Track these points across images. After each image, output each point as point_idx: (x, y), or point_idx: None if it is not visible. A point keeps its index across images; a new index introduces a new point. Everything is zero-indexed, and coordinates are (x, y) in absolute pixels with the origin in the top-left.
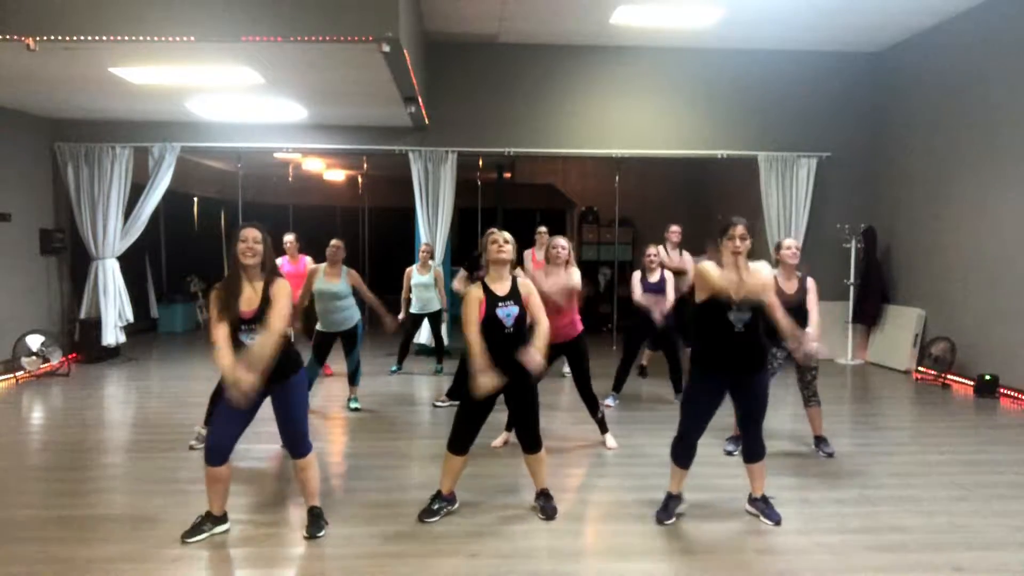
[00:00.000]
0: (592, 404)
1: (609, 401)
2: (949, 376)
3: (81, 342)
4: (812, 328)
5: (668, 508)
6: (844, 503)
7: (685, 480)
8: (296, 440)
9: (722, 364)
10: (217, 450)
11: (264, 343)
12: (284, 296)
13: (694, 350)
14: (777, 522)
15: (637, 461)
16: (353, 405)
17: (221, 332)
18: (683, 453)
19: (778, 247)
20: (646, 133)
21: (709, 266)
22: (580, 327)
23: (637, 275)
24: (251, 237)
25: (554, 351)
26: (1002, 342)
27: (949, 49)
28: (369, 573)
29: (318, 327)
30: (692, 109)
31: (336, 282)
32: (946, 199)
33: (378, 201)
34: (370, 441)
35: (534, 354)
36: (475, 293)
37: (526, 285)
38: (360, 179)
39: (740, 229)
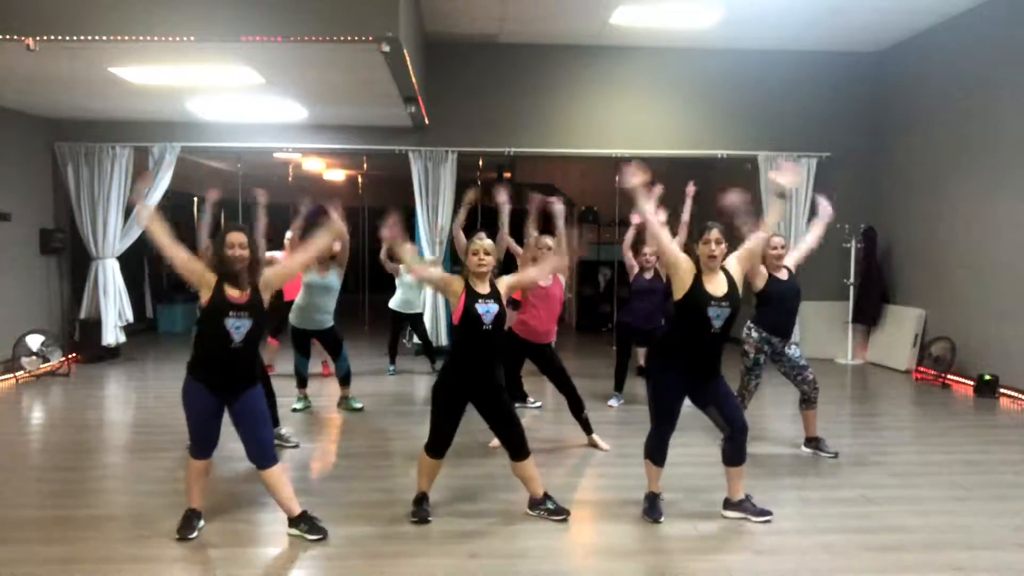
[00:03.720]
0: (576, 404)
1: (613, 402)
2: (949, 376)
3: (81, 342)
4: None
5: (656, 506)
6: (844, 503)
7: (661, 478)
8: (265, 446)
9: (684, 362)
10: (206, 443)
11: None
12: (274, 270)
13: (656, 343)
14: (769, 518)
15: (635, 461)
16: (354, 405)
17: (181, 251)
18: (659, 450)
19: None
20: (646, 133)
21: (686, 263)
22: (552, 338)
23: (635, 266)
24: (237, 243)
25: (520, 350)
26: (1002, 342)
27: (949, 49)
28: (368, 573)
29: (293, 323)
30: (692, 109)
31: (327, 275)
32: (946, 199)
33: (378, 201)
34: (368, 441)
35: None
36: (456, 284)
37: (505, 283)
38: (360, 179)
39: (715, 233)
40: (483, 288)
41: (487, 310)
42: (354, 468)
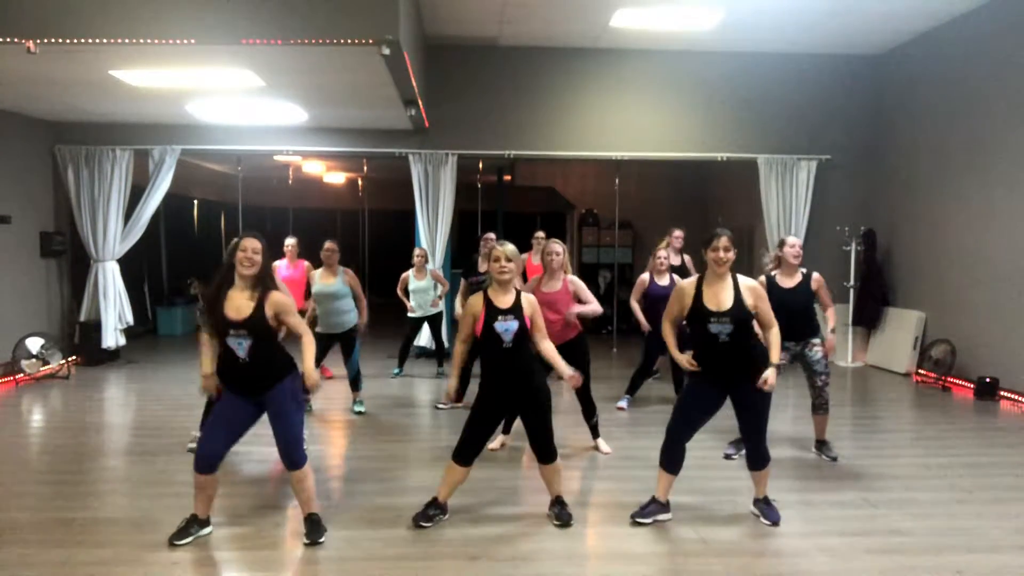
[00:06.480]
0: (589, 408)
1: (623, 403)
2: (949, 379)
3: (81, 345)
4: (831, 322)
5: (646, 510)
6: (844, 506)
7: (672, 486)
8: (290, 448)
9: (713, 372)
10: (207, 458)
11: (309, 355)
12: (291, 312)
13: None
14: (775, 522)
15: (639, 464)
16: (357, 409)
17: (205, 334)
18: (672, 457)
19: (781, 244)
20: (646, 136)
21: (678, 290)
22: (579, 326)
23: (644, 277)
24: (251, 248)
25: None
26: (1002, 344)
27: (949, 52)
28: (370, 574)
29: (317, 329)
30: (692, 112)
31: (332, 281)
32: (946, 201)
33: (378, 204)
34: (371, 444)
35: (573, 375)
36: (475, 304)
37: (532, 304)
38: (360, 182)
39: (724, 241)
40: (505, 301)
41: (506, 328)
42: (356, 470)
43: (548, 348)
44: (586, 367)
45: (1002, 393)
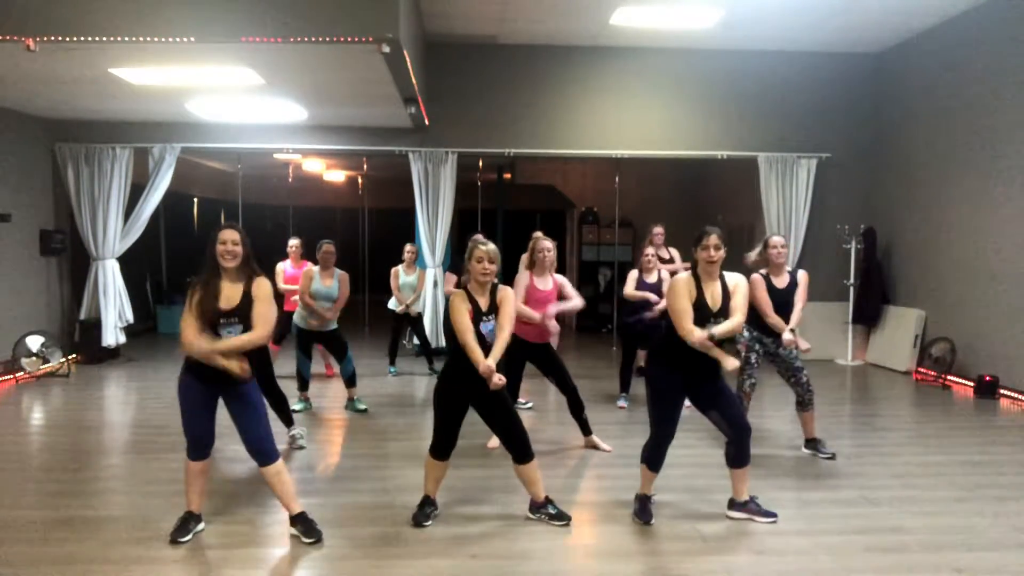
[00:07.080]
0: (576, 404)
1: (622, 402)
2: (949, 377)
3: (81, 343)
4: (793, 320)
5: (646, 508)
6: (844, 504)
7: (655, 481)
8: (263, 441)
9: (684, 366)
10: (201, 444)
11: (247, 340)
12: (268, 300)
13: (653, 351)
14: (774, 519)
15: (636, 462)
16: (359, 406)
17: (191, 328)
18: (657, 458)
19: (765, 245)
20: (646, 134)
21: (680, 284)
22: (550, 338)
23: (634, 274)
24: (230, 239)
25: (522, 351)
26: (1002, 343)
27: (949, 50)
28: (369, 574)
29: (298, 323)
30: (692, 110)
31: (331, 284)
32: (946, 199)
33: (378, 202)
34: (369, 442)
35: (492, 368)
36: (461, 302)
37: (503, 290)
38: (360, 180)
39: (714, 239)
40: (484, 301)
41: (490, 329)
42: (355, 469)
43: (506, 338)
44: (559, 364)
45: (1002, 391)
